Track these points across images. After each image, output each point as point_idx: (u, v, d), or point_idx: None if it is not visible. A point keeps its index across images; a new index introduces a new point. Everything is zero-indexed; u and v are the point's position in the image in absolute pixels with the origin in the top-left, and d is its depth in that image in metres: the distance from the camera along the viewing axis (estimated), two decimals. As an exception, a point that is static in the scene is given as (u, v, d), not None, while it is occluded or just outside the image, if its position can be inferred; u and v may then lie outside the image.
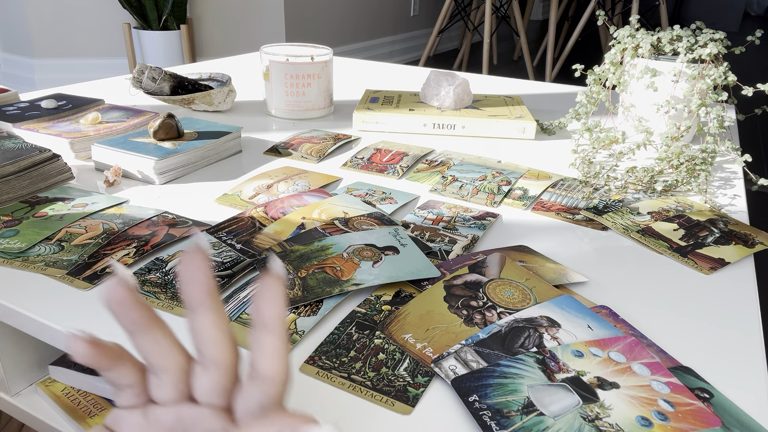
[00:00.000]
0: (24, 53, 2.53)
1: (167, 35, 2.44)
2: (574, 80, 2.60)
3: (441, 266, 0.50)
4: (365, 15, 3.26)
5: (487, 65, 2.75)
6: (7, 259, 0.50)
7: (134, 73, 0.96)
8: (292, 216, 0.59)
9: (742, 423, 0.35)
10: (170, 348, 0.28)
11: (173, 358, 0.28)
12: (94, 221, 0.57)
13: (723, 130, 0.73)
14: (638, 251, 0.57)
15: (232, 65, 1.36)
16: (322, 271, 0.48)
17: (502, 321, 0.43)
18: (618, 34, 0.84)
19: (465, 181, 0.71)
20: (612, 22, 3.13)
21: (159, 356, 0.27)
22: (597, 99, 0.83)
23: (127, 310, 0.26)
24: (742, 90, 0.73)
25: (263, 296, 0.26)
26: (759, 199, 1.76)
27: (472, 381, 0.37)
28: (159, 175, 0.68)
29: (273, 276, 0.26)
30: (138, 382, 0.28)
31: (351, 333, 0.42)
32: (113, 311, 0.26)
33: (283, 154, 0.79)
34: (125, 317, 0.26)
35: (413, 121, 0.90)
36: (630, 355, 0.39)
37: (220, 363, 0.27)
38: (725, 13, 5.30)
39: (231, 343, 0.27)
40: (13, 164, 0.61)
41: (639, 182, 0.71)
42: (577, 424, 0.34)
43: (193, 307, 0.26)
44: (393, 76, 1.32)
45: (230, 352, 0.27)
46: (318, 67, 0.93)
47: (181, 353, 0.28)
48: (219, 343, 0.27)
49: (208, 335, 0.27)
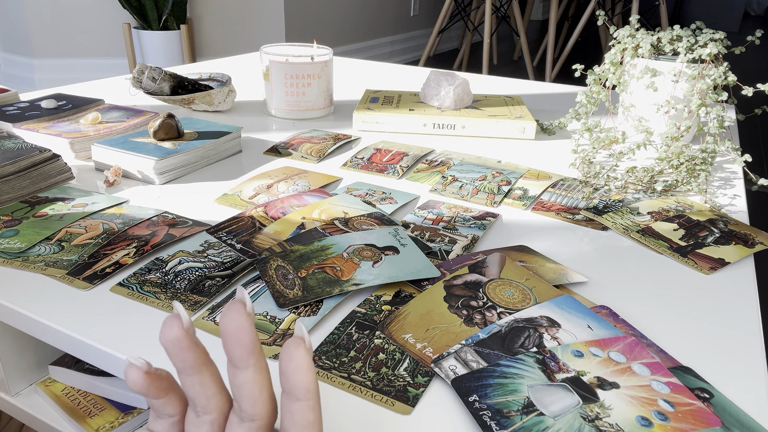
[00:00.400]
0: (24, 53, 2.53)
1: (167, 35, 2.44)
2: (574, 80, 2.60)
3: (441, 266, 0.50)
4: (365, 15, 3.26)
5: (487, 65, 2.76)
6: (7, 259, 0.50)
7: (134, 73, 0.96)
8: (292, 216, 0.59)
9: (742, 423, 0.35)
10: (216, 392, 0.28)
11: (216, 402, 0.28)
12: (94, 221, 0.57)
13: (723, 130, 0.73)
14: (638, 251, 0.57)
15: (232, 65, 1.36)
16: (322, 271, 0.48)
17: (502, 321, 0.43)
18: (618, 34, 0.84)
19: (465, 181, 0.71)
20: (612, 22, 3.13)
21: (204, 398, 0.28)
22: (597, 99, 0.83)
23: (182, 351, 0.26)
24: (742, 90, 0.73)
25: (289, 365, 0.25)
26: (759, 199, 1.76)
27: (472, 381, 0.37)
28: (159, 175, 0.68)
29: (297, 343, 0.26)
30: (179, 413, 0.29)
31: (351, 333, 0.42)
32: (168, 349, 0.26)
33: (283, 154, 0.79)
34: (179, 357, 0.27)
35: (413, 121, 0.90)
36: (630, 355, 0.39)
37: (256, 419, 0.27)
38: (725, 13, 5.30)
39: (270, 401, 0.27)
40: (13, 164, 0.61)
41: (639, 182, 0.71)
42: (577, 424, 0.34)
43: (235, 364, 0.26)
44: (393, 76, 1.32)
45: (267, 409, 0.27)
46: (318, 67, 0.93)
47: (225, 398, 0.29)
48: (258, 401, 0.27)
49: (247, 391, 0.27)
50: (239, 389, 0.27)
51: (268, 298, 0.46)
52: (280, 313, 0.44)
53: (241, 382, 0.26)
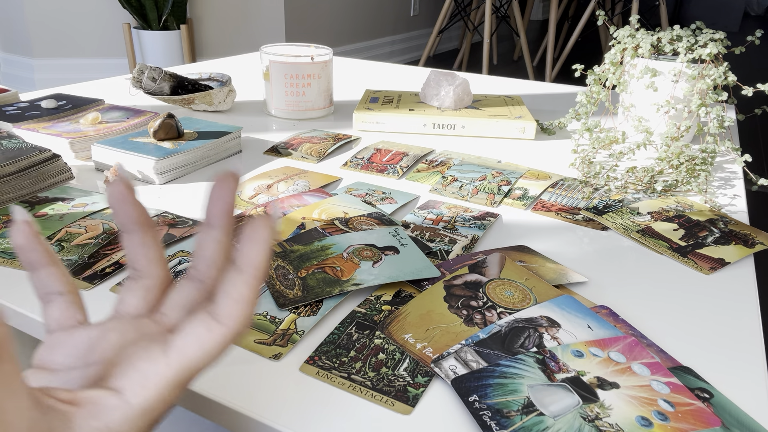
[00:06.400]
0: (23, 53, 2.53)
1: (167, 35, 2.44)
2: (574, 80, 2.60)
3: (441, 266, 0.50)
4: (365, 15, 3.26)
5: (487, 65, 2.76)
6: (7, 259, 0.50)
7: (134, 73, 0.96)
8: (292, 216, 0.59)
9: (742, 423, 0.35)
10: (157, 258, 0.29)
11: (156, 267, 0.29)
12: (94, 221, 0.57)
13: (723, 130, 0.73)
14: (638, 251, 0.57)
15: (232, 65, 1.36)
16: (322, 271, 0.48)
17: (502, 321, 0.43)
18: (618, 34, 0.84)
19: (465, 181, 0.71)
20: (612, 22, 3.13)
21: (145, 259, 0.29)
22: (597, 99, 0.83)
23: (126, 205, 0.28)
24: (742, 90, 0.73)
25: (248, 236, 0.26)
26: (759, 199, 1.76)
27: (472, 381, 0.37)
28: (159, 175, 0.68)
29: (264, 219, 0.26)
30: (70, 292, 0.29)
31: (351, 333, 0.42)
32: (113, 206, 0.28)
33: (283, 154, 0.79)
34: (123, 212, 0.28)
35: (413, 121, 0.90)
36: (630, 355, 0.39)
37: (207, 282, 0.29)
38: (725, 13, 5.30)
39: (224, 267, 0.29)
40: (13, 164, 0.61)
41: (639, 182, 0.71)
42: (577, 424, 0.34)
43: (209, 223, 0.28)
44: (393, 76, 1.32)
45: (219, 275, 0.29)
46: (318, 67, 0.93)
47: (164, 270, 0.30)
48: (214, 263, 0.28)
49: (209, 252, 0.28)
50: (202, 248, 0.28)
51: (267, 298, 0.46)
52: (280, 313, 0.44)
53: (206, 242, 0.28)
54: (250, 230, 0.26)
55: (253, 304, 0.26)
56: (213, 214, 0.28)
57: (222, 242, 0.28)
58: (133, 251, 0.29)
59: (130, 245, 0.29)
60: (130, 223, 0.28)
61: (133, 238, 0.29)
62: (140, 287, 0.29)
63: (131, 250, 0.29)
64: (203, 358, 0.25)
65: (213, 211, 0.28)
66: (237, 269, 0.26)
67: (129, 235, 0.29)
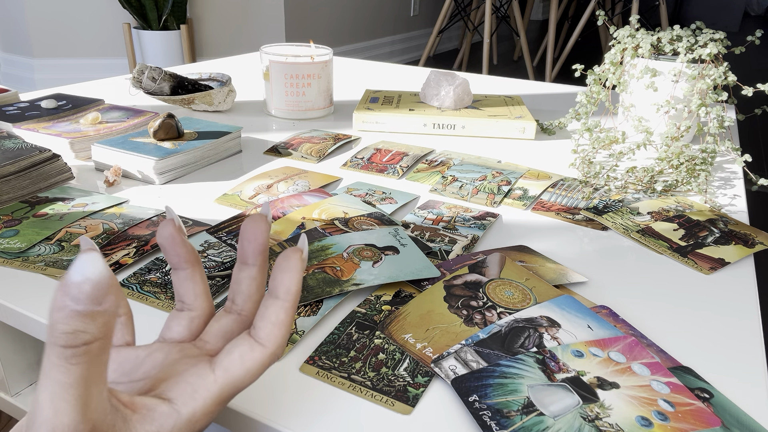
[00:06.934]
0: (24, 53, 2.53)
1: (167, 35, 2.44)
2: (574, 80, 2.60)
3: (441, 266, 0.50)
4: (365, 15, 3.26)
5: (487, 65, 2.76)
6: (7, 259, 0.50)
7: (134, 73, 0.96)
8: (292, 216, 0.59)
9: (742, 423, 0.35)
10: (203, 293, 0.33)
11: (202, 302, 0.32)
12: (94, 221, 0.57)
13: (723, 130, 0.73)
14: (638, 251, 0.57)
15: (232, 65, 1.36)
16: (322, 271, 0.48)
17: (502, 321, 0.43)
18: (618, 34, 0.84)
19: (465, 181, 0.71)
20: (612, 22, 3.13)
21: (192, 294, 0.32)
22: (597, 99, 0.83)
23: (176, 245, 0.31)
24: (742, 90, 0.73)
25: (281, 267, 0.29)
26: (759, 199, 1.76)
27: (472, 381, 0.37)
28: (159, 175, 0.68)
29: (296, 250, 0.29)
30: (125, 314, 0.32)
31: (351, 333, 0.42)
32: (164, 246, 0.31)
33: (283, 154, 0.79)
34: (173, 252, 0.31)
35: (413, 121, 0.90)
36: (630, 355, 0.39)
37: (244, 314, 0.32)
38: (725, 13, 5.30)
39: (259, 300, 0.32)
40: (13, 164, 0.61)
41: (639, 182, 0.71)
42: (577, 424, 0.34)
43: (244, 261, 0.31)
44: (393, 76, 1.32)
45: (255, 308, 0.32)
46: (318, 67, 0.93)
47: (208, 303, 0.33)
48: (250, 297, 0.32)
49: (245, 288, 0.32)
50: (238, 285, 0.32)
51: (268, 298, 0.46)
52: (280, 313, 0.44)
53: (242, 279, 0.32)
54: (282, 260, 0.29)
55: (289, 327, 0.29)
56: (247, 253, 0.31)
57: (256, 279, 0.32)
58: (181, 285, 0.32)
59: (178, 280, 0.32)
60: (180, 261, 0.31)
61: (181, 275, 0.32)
62: (185, 317, 0.32)
63: (180, 284, 0.32)
64: (246, 377, 0.28)
65: (247, 251, 0.31)
66: (273, 296, 0.29)
67: (178, 272, 0.32)
